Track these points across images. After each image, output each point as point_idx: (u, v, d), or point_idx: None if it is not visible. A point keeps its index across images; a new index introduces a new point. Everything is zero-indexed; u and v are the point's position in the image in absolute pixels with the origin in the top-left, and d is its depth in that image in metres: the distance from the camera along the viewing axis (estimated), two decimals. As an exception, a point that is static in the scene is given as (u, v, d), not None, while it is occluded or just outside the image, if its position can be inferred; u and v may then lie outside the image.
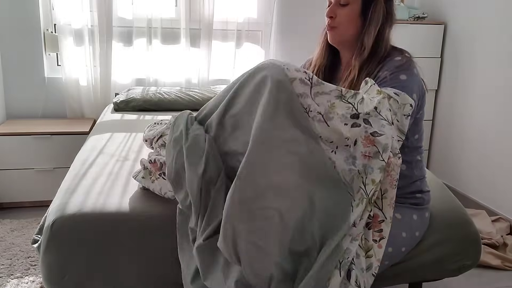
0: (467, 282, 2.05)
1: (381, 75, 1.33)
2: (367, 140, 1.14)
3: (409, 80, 1.30)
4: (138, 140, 2.14)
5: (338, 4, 1.38)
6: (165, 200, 1.43)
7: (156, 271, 1.33)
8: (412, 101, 1.25)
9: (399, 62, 1.33)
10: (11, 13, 2.90)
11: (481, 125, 2.81)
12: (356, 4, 1.37)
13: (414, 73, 1.33)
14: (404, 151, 1.38)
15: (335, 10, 1.39)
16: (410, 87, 1.29)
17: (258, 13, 3.28)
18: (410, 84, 1.29)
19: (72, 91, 3.06)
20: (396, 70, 1.31)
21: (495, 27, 2.68)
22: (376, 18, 1.36)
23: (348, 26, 1.39)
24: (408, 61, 1.34)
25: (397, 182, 1.19)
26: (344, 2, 1.37)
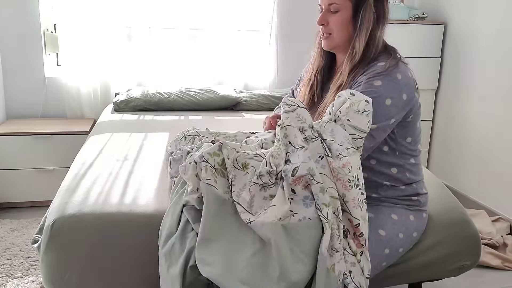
0: (467, 282, 2.05)
1: (359, 79, 1.33)
2: (293, 182, 1.15)
3: (384, 86, 1.27)
4: (138, 140, 2.15)
5: (329, 11, 1.38)
6: (164, 200, 1.44)
7: (156, 271, 1.33)
8: (368, 98, 1.22)
9: (381, 68, 1.30)
10: (11, 13, 2.90)
11: (481, 125, 2.81)
12: (347, 9, 1.36)
13: (395, 78, 1.29)
14: (395, 154, 1.37)
15: (327, 18, 1.39)
16: (382, 92, 1.26)
17: (258, 13, 3.28)
18: (383, 90, 1.27)
19: (72, 91, 3.06)
20: (373, 76, 1.29)
21: (495, 27, 2.68)
22: (366, 22, 1.35)
23: (341, 32, 1.38)
24: (391, 67, 1.30)
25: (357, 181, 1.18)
26: (334, 9, 1.36)
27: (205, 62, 3.24)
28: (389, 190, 1.39)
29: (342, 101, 1.24)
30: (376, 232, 1.32)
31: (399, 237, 1.35)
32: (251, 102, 3.01)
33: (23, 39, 2.95)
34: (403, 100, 1.29)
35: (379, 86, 1.27)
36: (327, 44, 1.43)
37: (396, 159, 1.37)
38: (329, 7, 1.37)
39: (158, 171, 1.71)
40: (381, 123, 1.26)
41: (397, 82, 1.28)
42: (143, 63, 3.16)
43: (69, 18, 2.94)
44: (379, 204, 1.39)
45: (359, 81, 1.32)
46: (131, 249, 1.32)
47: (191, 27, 3.18)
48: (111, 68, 3.10)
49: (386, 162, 1.37)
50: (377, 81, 1.28)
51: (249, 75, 3.37)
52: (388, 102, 1.26)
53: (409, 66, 1.35)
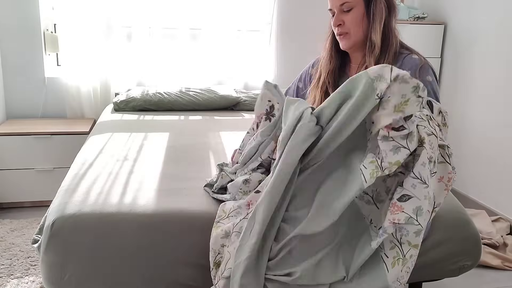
0: (467, 282, 2.05)
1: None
2: (393, 207, 1.07)
3: (434, 82, 1.35)
4: (138, 140, 2.15)
5: (342, 11, 1.41)
6: (164, 200, 1.44)
7: (156, 271, 1.33)
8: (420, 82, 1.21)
9: (419, 61, 1.37)
10: (11, 13, 2.90)
11: (481, 125, 2.81)
12: (359, 6, 1.39)
13: (433, 73, 1.38)
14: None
15: (341, 18, 1.42)
16: (436, 89, 1.33)
17: (258, 12, 3.28)
18: (435, 86, 1.34)
19: (72, 91, 3.06)
20: (420, 70, 1.35)
21: (495, 27, 2.68)
22: (379, 14, 1.39)
23: (358, 29, 1.41)
24: (425, 61, 1.38)
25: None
26: (347, 8, 1.40)
27: (205, 62, 3.24)
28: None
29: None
30: None
31: None
32: (251, 102, 3.01)
33: (23, 39, 2.95)
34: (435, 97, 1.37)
35: (431, 82, 1.34)
36: (345, 43, 1.46)
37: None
38: (341, 8, 1.41)
39: (158, 171, 1.71)
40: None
41: (435, 73, 1.38)
42: (143, 63, 3.16)
43: (69, 18, 2.94)
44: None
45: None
46: (131, 249, 1.31)
47: (191, 27, 3.18)
48: (111, 68, 3.10)
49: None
50: (428, 76, 1.35)
51: (249, 75, 3.37)
52: (437, 96, 1.36)
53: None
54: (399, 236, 1.09)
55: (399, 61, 1.39)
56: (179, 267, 1.33)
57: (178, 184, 1.58)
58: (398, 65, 1.38)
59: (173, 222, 1.35)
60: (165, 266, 1.33)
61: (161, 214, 1.36)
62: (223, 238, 1.22)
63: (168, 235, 1.33)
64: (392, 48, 1.41)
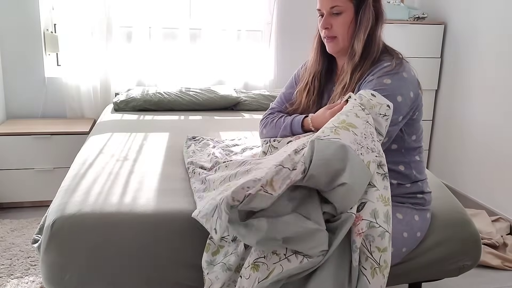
0: (467, 282, 2.05)
1: (368, 79, 1.35)
2: (355, 219, 1.11)
3: (394, 84, 1.30)
4: (138, 140, 2.15)
5: (331, 14, 1.39)
6: (164, 200, 1.44)
7: (156, 271, 1.33)
8: (389, 102, 1.25)
9: (388, 67, 1.33)
10: (11, 13, 2.90)
11: (481, 125, 2.81)
12: (349, 11, 1.37)
13: (402, 77, 1.32)
14: (401, 152, 1.40)
15: (330, 21, 1.39)
16: (393, 90, 1.29)
17: (258, 13, 3.28)
18: (394, 88, 1.30)
19: (72, 91, 3.06)
20: (382, 74, 1.32)
21: (495, 27, 2.68)
22: (365, 22, 1.37)
23: (345, 34, 1.39)
24: (397, 66, 1.33)
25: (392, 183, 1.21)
26: (337, 11, 1.37)
27: (205, 62, 3.24)
28: (396, 189, 1.40)
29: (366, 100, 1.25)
30: None
31: (403, 236, 1.35)
32: (251, 102, 3.01)
33: (23, 39, 2.95)
34: (410, 98, 1.32)
35: (389, 84, 1.30)
36: (332, 47, 1.43)
37: (403, 157, 1.40)
38: (331, 10, 1.38)
39: (158, 171, 1.71)
40: (393, 117, 1.28)
41: (405, 80, 1.32)
42: (143, 63, 3.16)
43: (69, 18, 2.94)
44: None
45: (368, 80, 1.34)
46: (131, 249, 1.31)
47: (191, 27, 3.18)
48: (111, 68, 3.10)
49: (393, 160, 1.38)
50: (387, 79, 1.30)
51: (249, 75, 3.37)
52: (399, 99, 1.29)
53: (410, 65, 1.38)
54: (368, 245, 1.11)
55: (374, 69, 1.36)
56: (179, 267, 1.33)
57: (178, 184, 1.59)
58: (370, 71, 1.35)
59: (173, 222, 1.35)
60: (165, 266, 1.33)
61: (161, 214, 1.36)
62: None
63: (168, 235, 1.33)
64: (371, 57, 1.37)
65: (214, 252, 1.27)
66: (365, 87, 1.32)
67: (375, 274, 1.10)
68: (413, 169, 1.42)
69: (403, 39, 3.05)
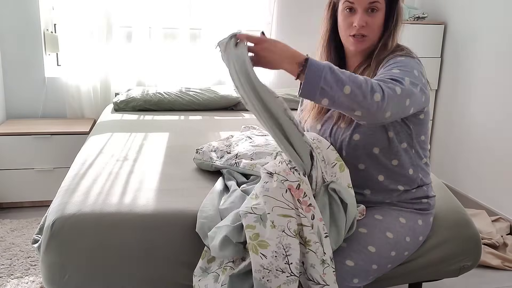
0: (467, 282, 2.05)
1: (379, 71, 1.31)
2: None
3: (407, 61, 1.27)
4: (138, 140, 2.15)
5: (367, 11, 1.32)
6: (164, 200, 1.44)
7: (156, 271, 1.33)
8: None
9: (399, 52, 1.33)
10: (11, 13, 2.90)
11: (481, 125, 2.81)
12: (383, 10, 1.34)
13: (416, 61, 1.31)
14: (412, 152, 1.38)
15: (365, 18, 1.32)
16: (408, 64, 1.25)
17: (258, 13, 3.28)
18: (408, 62, 1.26)
19: (72, 91, 3.06)
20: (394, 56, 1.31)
21: (495, 27, 2.68)
22: (401, 20, 1.36)
23: (377, 32, 1.36)
24: (408, 52, 1.34)
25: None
26: (375, 8, 1.31)
27: (205, 62, 3.24)
28: (401, 195, 1.39)
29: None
30: (384, 234, 1.32)
31: (406, 240, 1.35)
32: (251, 102, 3.01)
33: (23, 39, 2.95)
34: (422, 82, 1.25)
35: (404, 60, 1.26)
36: (361, 46, 1.36)
37: (412, 158, 1.38)
38: (369, 6, 1.31)
39: (158, 171, 1.71)
40: (412, 80, 1.20)
41: (419, 64, 1.30)
42: (143, 63, 3.16)
43: (69, 18, 2.94)
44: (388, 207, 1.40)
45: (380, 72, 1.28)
46: (131, 249, 1.32)
47: (191, 27, 3.18)
48: (111, 68, 3.10)
49: (404, 162, 1.37)
50: (400, 57, 1.28)
51: (249, 75, 3.37)
52: (416, 73, 1.23)
53: None
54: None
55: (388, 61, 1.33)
56: (179, 267, 1.33)
57: (178, 184, 1.59)
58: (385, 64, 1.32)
59: (173, 222, 1.35)
60: (165, 266, 1.33)
61: (161, 214, 1.36)
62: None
63: (168, 235, 1.33)
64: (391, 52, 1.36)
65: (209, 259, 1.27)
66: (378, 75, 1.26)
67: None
68: (420, 172, 1.40)
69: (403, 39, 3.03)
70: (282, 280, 1.08)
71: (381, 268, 1.30)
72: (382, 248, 1.29)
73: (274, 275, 1.08)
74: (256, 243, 1.11)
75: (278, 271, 1.09)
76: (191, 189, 1.54)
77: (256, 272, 1.08)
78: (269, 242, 1.11)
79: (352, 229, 1.26)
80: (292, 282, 1.09)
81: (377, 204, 1.40)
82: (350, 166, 1.36)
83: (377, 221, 1.33)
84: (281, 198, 1.18)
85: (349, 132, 1.36)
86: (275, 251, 1.10)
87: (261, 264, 1.09)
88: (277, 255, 1.10)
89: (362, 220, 1.34)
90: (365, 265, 1.26)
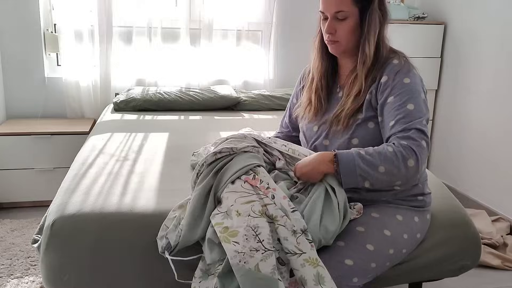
0: (467, 282, 2.05)
1: (383, 81, 1.34)
2: (291, 285, 1.16)
3: (413, 83, 1.32)
4: (138, 140, 2.15)
5: (336, 19, 1.36)
6: (164, 200, 1.44)
7: (156, 271, 1.33)
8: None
9: (398, 66, 1.34)
10: (11, 13, 2.90)
11: (481, 125, 2.81)
12: (354, 16, 1.35)
13: (415, 73, 1.35)
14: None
15: (334, 26, 1.36)
16: (415, 89, 1.31)
17: (258, 13, 3.28)
18: (414, 86, 1.32)
19: (72, 91, 3.06)
20: (398, 74, 1.32)
21: (495, 27, 2.68)
22: (374, 25, 1.35)
23: (349, 38, 1.38)
24: (406, 63, 1.35)
25: None
26: (342, 16, 1.35)
27: (205, 62, 3.24)
28: (398, 192, 1.40)
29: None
30: (382, 232, 1.32)
31: (403, 237, 1.35)
32: (251, 102, 3.01)
33: (23, 39, 2.95)
34: (424, 92, 1.36)
35: (409, 83, 1.32)
36: (335, 50, 1.42)
37: None
38: (335, 15, 1.35)
39: (158, 171, 1.71)
40: (426, 115, 1.30)
41: (418, 77, 1.36)
42: (143, 63, 3.16)
43: (69, 18, 2.94)
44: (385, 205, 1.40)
45: (384, 81, 1.34)
46: (131, 249, 1.32)
47: (191, 27, 3.18)
48: (111, 68, 3.10)
49: None
50: (405, 79, 1.32)
51: (249, 75, 3.37)
52: (423, 95, 1.33)
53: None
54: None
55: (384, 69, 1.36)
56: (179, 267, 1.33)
57: (178, 184, 1.59)
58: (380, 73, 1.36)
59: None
60: (165, 266, 1.33)
61: (161, 214, 1.36)
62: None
63: (168, 235, 1.33)
64: (382, 58, 1.37)
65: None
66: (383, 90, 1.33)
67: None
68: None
69: (403, 39, 3.05)
70: (258, 258, 1.11)
71: (379, 266, 1.30)
72: (380, 246, 1.30)
73: (250, 256, 1.11)
74: (226, 235, 1.16)
75: (252, 251, 1.12)
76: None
77: (233, 259, 1.12)
78: (238, 229, 1.16)
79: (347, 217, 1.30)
80: (268, 256, 1.12)
81: (373, 202, 1.40)
82: None
83: (374, 219, 1.34)
84: (241, 189, 1.25)
85: (348, 136, 1.38)
86: (245, 234, 1.14)
87: (235, 250, 1.12)
88: (248, 237, 1.14)
89: (359, 218, 1.34)
90: (364, 263, 1.26)
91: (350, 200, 1.42)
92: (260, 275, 1.09)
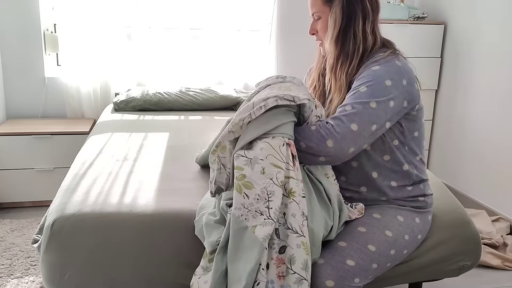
0: (467, 282, 2.05)
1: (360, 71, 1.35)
2: (276, 260, 1.13)
3: (382, 70, 1.28)
4: (138, 140, 2.15)
5: (315, 19, 1.43)
6: (164, 200, 1.44)
7: (156, 271, 1.33)
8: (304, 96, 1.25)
9: (380, 57, 1.33)
10: (11, 13, 2.90)
11: (481, 125, 2.81)
12: (325, 14, 1.39)
13: (394, 63, 1.30)
14: (405, 149, 1.39)
15: (315, 26, 1.44)
16: (381, 75, 1.27)
17: (258, 13, 3.28)
18: (382, 73, 1.28)
19: (72, 91, 3.06)
20: (371, 63, 1.33)
21: (495, 27, 2.68)
22: (332, 22, 1.37)
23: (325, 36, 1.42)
24: (389, 56, 1.32)
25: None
26: (317, 16, 1.42)
27: (205, 62, 3.24)
28: (398, 192, 1.40)
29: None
30: (383, 233, 1.32)
31: (404, 238, 1.35)
32: (251, 102, 3.01)
33: (23, 39, 2.95)
34: (403, 85, 1.28)
35: (377, 70, 1.29)
36: (322, 50, 1.48)
37: (406, 155, 1.39)
38: (313, 16, 1.43)
39: (158, 171, 1.71)
40: (381, 99, 1.25)
41: (396, 67, 1.30)
42: (143, 63, 3.16)
43: (69, 18, 2.95)
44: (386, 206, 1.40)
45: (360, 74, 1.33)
46: (131, 249, 1.32)
47: (191, 27, 3.18)
48: (111, 68, 3.10)
49: (397, 158, 1.38)
50: (375, 66, 1.31)
51: (249, 75, 3.38)
52: (388, 83, 1.27)
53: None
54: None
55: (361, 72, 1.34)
56: (179, 267, 1.33)
57: (178, 184, 1.59)
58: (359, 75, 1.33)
59: (173, 222, 1.35)
60: (165, 266, 1.33)
61: (161, 214, 1.36)
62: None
63: (168, 235, 1.33)
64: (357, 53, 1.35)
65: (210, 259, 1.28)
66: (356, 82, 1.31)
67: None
68: (415, 168, 1.41)
69: (403, 39, 3.05)
70: (259, 221, 1.12)
71: (381, 267, 1.30)
72: (381, 246, 1.30)
73: (253, 215, 1.13)
74: (241, 183, 1.16)
75: (257, 212, 1.13)
76: (191, 189, 1.55)
77: (236, 210, 1.13)
78: (255, 185, 1.16)
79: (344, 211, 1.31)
80: (268, 224, 1.12)
81: (374, 202, 1.41)
82: (344, 164, 1.40)
83: (376, 220, 1.34)
84: (278, 149, 1.21)
85: None
86: (258, 194, 1.15)
87: (242, 203, 1.14)
88: (259, 199, 1.14)
89: (361, 219, 1.35)
90: (366, 264, 1.26)
91: (351, 200, 1.42)
92: (252, 236, 1.11)
